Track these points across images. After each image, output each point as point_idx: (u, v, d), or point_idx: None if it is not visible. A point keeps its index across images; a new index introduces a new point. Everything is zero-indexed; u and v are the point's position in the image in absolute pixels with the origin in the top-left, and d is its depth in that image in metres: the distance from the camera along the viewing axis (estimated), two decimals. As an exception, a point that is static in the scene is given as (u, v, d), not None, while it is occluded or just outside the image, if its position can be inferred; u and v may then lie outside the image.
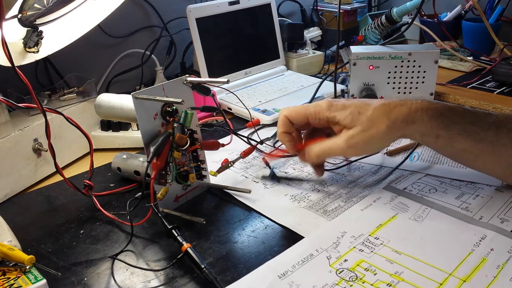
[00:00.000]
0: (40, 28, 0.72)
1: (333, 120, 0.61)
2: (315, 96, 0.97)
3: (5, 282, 0.49)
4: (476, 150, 0.59)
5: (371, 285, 0.48)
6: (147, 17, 1.15)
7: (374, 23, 1.08)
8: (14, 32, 0.71)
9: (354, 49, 0.95)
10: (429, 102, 0.59)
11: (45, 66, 0.98)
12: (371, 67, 0.95)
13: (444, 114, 0.58)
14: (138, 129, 0.83)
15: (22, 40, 0.71)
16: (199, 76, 1.00)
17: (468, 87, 1.04)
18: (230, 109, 0.97)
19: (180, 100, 0.57)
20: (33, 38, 0.71)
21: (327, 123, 0.63)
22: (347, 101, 0.62)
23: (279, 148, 0.77)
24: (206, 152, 0.68)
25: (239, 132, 0.79)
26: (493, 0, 1.20)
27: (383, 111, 0.59)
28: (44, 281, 0.49)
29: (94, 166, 0.66)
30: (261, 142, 0.78)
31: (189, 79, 0.63)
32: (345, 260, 0.52)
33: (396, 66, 0.94)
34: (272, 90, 1.05)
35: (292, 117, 0.65)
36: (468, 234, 0.55)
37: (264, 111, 0.93)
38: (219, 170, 0.69)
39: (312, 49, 1.23)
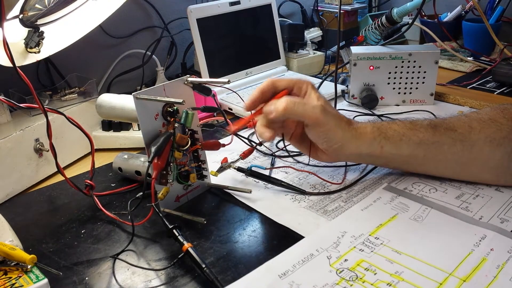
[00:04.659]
0: (42, 29, 0.72)
1: (309, 95, 0.63)
2: (316, 97, 0.97)
3: (6, 281, 0.49)
4: (421, 153, 0.63)
5: (371, 284, 0.48)
6: (148, 17, 1.15)
7: (375, 23, 1.08)
8: (16, 32, 0.71)
9: (355, 49, 0.96)
10: (374, 121, 0.66)
11: (47, 67, 0.98)
12: (371, 67, 0.95)
13: (384, 125, 0.65)
14: (139, 129, 0.84)
15: (24, 41, 0.71)
16: (200, 77, 1.01)
17: (468, 87, 1.04)
18: (231, 109, 0.98)
19: (181, 101, 0.57)
20: (34, 38, 0.71)
21: (304, 95, 0.64)
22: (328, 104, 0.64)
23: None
24: (206, 152, 0.68)
25: (240, 133, 0.79)
26: (493, 1, 1.20)
27: (343, 123, 0.64)
28: (46, 280, 0.49)
29: (95, 166, 0.67)
30: (261, 144, 0.77)
31: (190, 79, 0.63)
32: (345, 260, 0.52)
33: (396, 67, 0.94)
34: (272, 91, 1.04)
35: (279, 81, 0.64)
36: (468, 234, 0.55)
37: (264, 112, 0.93)
38: (220, 170, 0.69)
39: (313, 50, 1.23)
